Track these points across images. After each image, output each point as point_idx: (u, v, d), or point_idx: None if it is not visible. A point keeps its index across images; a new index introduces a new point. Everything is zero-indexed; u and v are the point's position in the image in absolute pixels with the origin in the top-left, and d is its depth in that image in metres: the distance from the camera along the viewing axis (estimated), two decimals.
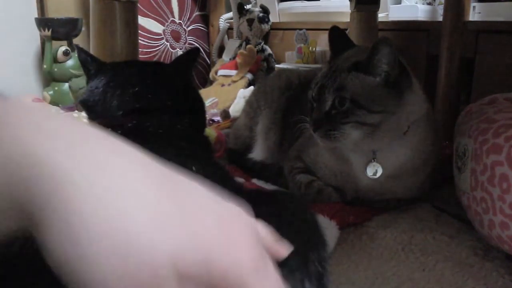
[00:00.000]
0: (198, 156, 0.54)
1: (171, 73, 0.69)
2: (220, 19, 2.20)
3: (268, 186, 0.96)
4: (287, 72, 1.17)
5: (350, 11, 1.33)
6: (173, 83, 0.67)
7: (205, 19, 2.27)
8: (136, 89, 0.62)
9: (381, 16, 1.48)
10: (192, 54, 0.75)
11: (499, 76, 1.28)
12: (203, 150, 0.61)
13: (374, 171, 0.78)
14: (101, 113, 0.62)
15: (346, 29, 1.35)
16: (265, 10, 1.95)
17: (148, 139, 0.54)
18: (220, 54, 2.18)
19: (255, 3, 2.05)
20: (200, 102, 0.72)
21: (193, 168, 0.48)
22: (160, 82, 0.65)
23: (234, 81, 1.87)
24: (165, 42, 2.11)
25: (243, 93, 1.65)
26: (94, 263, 0.21)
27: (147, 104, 0.61)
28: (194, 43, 2.23)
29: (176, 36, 2.15)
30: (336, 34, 0.83)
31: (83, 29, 1.75)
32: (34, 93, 1.73)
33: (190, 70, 0.74)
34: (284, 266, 0.39)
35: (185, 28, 2.19)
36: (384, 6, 1.57)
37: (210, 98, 1.73)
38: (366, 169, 0.79)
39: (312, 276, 0.40)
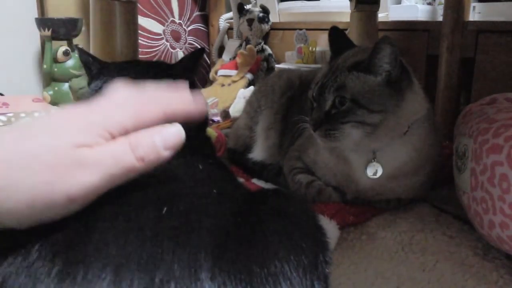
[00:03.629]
0: (201, 155, 0.54)
1: (177, 74, 0.69)
2: (220, 19, 2.20)
3: (268, 186, 0.96)
4: (287, 72, 1.17)
5: (350, 11, 1.33)
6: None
7: (205, 19, 2.28)
8: None
9: (381, 16, 1.49)
10: (197, 54, 0.75)
11: (499, 76, 1.28)
12: (206, 150, 0.61)
13: (374, 171, 0.78)
14: None
15: (346, 29, 1.35)
16: (265, 10, 1.96)
17: None
18: (220, 54, 2.18)
19: (255, 3, 2.06)
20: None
21: (200, 167, 0.48)
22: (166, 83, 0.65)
23: (234, 81, 1.87)
24: (165, 42, 2.11)
25: (243, 93, 1.65)
26: None
27: None
28: (194, 43, 2.23)
29: (176, 36, 2.15)
30: (336, 34, 0.83)
31: (83, 29, 1.75)
32: (34, 93, 1.73)
33: (195, 71, 0.74)
34: (296, 264, 0.39)
35: (185, 28, 2.20)
36: (384, 6, 1.57)
37: (210, 98, 1.73)
38: (366, 169, 0.79)
39: (320, 276, 0.41)
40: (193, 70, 0.74)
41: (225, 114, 1.50)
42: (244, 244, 0.39)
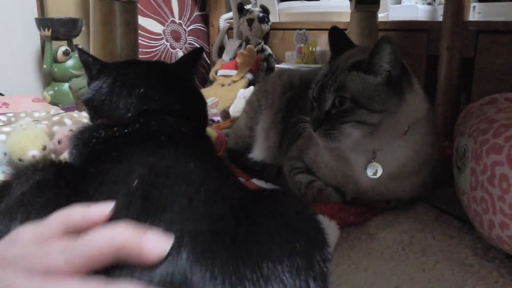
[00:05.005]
0: (202, 155, 0.54)
1: (176, 74, 0.69)
2: (220, 19, 2.20)
3: (268, 186, 0.96)
4: (287, 72, 1.17)
5: (350, 11, 1.33)
6: (178, 84, 0.68)
7: (205, 19, 2.28)
8: (142, 90, 0.62)
9: (381, 16, 1.49)
10: (196, 54, 0.75)
11: (499, 76, 1.28)
12: (206, 150, 0.61)
13: (374, 171, 0.78)
14: (106, 112, 0.62)
15: (346, 29, 1.35)
16: (265, 10, 1.96)
17: (153, 139, 0.54)
18: (220, 54, 2.18)
19: (255, 3, 2.06)
20: (202, 103, 0.72)
21: (192, 165, 0.48)
22: (166, 83, 0.65)
23: (234, 81, 1.87)
24: (165, 42, 2.11)
25: (243, 93, 1.65)
26: None
27: (153, 105, 0.61)
28: (194, 43, 2.23)
29: (176, 36, 2.15)
30: (336, 34, 0.83)
31: (83, 29, 1.75)
32: (34, 93, 1.73)
33: (194, 70, 0.74)
34: (289, 264, 0.39)
35: (185, 28, 2.20)
36: (384, 6, 1.57)
37: (210, 98, 1.73)
38: (366, 169, 0.79)
39: (317, 276, 0.40)
40: (192, 70, 0.74)
41: (225, 114, 1.50)
42: (236, 245, 0.39)
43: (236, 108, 1.58)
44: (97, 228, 0.35)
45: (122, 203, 0.41)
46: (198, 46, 2.24)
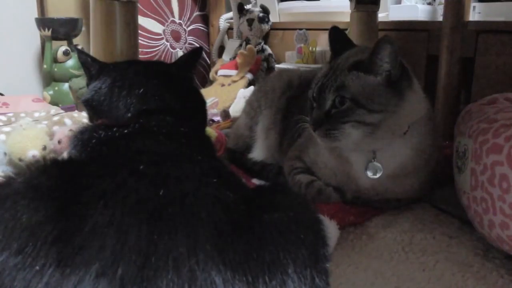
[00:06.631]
0: (202, 154, 0.55)
1: (175, 74, 0.70)
2: (220, 19, 2.20)
3: None
4: (287, 72, 1.17)
5: (350, 11, 1.33)
6: (177, 84, 0.68)
7: (205, 19, 2.28)
8: (142, 90, 0.62)
9: (381, 16, 1.48)
10: (195, 53, 0.75)
11: (499, 76, 1.28)
12: (206, 149, 0.62)
13: (374, 171, 0.78)
14: (106, 112, 0.62)
15: (346, 29, 1.35)
16: (265, 10, 1.96)
17: (152, 139, 0.55)
18: (220, 54, 2.18)
19: (255, 3, 2.06)
20: (202, 102, 0.73)
21: (192, 165, 0.49)
22: (165, 83, 0.66)
23: (234, 81, 1.87)
24: (165, 42, 2.11)
25: (243, 93, 1.65)
26: None
27: (153, 105, 0.61)
28: (194, 43, 2.23)
29: (176, 36, 2.15)
30: (336, 34, 0.83)
31: (83, 29, 1.75)
32: (34, 93, 1.73)
33: (193, 70, 0.74)
34: (297, 262, 0.40)
35: (185, 28, 2.20)
36: (384, 6, 1.57)
37: (210, 98, 1.73)
38: (366, 169, 0.79)
39: (321, 272, 0.41)
40: (191, 69, 0.74)
41: (225, 114, 1.50)
42: (244, 237, 0.40)
43: (236, 108, 1.58)
44: None
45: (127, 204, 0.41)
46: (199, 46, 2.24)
